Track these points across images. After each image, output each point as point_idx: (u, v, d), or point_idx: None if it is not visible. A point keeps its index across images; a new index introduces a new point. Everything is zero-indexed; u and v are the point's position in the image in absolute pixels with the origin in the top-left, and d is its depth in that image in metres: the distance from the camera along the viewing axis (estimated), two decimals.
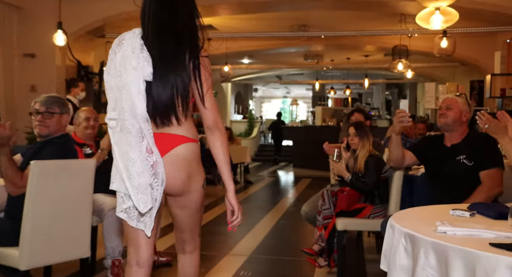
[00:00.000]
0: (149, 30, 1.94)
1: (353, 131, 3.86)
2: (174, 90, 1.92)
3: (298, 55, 13.13)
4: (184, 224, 2.14)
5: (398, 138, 3.20)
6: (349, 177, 3.68)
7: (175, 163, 1.94)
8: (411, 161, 3.34)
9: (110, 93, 1.92)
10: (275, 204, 7.50)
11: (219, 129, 2.00)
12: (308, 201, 4.32)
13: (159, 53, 1.91)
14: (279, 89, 26.55)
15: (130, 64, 1.86)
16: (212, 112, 2.00)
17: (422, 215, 2.20)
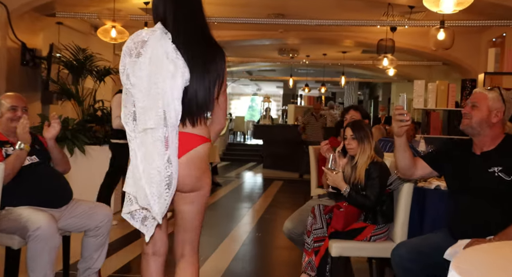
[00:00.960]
0: (178, 32, 1.94)
1: (350, 133, 3.11)
2: (207, 92, 1.98)
3: (273, 48, 12.36)
4: (189, 222, 2.11)
5: (401, 141, 2.47)
6: (347, 189, 2.93)
7: (193, 162, 1.98)
8: (425, 172, 2.61)
9: (136, 97, 1.86)
10: (246, 211, 6.71)
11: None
12: (292, 216, 3.55)
13: (193, 56, 1.93)
14: (249, 86, 25.79)
15: (167, 70, 1.85)
16: (225, 112, 2.16)
17: (496, 261, 1.46)
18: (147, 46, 1.85)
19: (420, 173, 2.59)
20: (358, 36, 10.26)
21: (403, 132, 2.43)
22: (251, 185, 10.19)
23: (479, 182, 2.41)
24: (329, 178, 2.97)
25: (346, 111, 3.86)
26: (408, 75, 14.25)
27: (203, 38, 2.02)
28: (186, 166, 1.95)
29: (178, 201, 2.07)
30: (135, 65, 1.84)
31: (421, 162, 2.58)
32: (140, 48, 1.86)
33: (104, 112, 6.03)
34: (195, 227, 2.13)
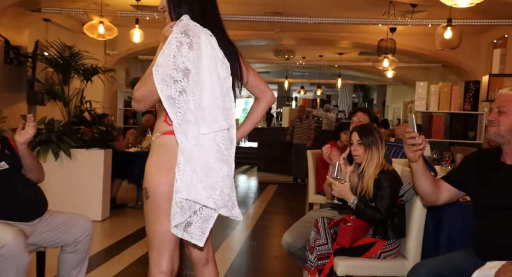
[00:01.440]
0: (213, 30, 1.91)
1: (357, 138, 2.82)
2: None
3: (268, 49, 12.09)
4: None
5: (418, 167, 2.18)
6: (355, 201, 2.64)
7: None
8: (451, 195, 2.31)
9: (198, 95, 1.81)
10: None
11: None
12: (291, 228, 3.26)
13: (228, 55, 1.95)
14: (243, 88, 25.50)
15: (225, 69, 1.87)
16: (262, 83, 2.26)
17: None
18: (202, 43, 1.81)
19: (446, 197, 2.29)
20: (356, 37, 10.01)
21: (417, 157, 2.13)
22: (246, 189, 9.89)
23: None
24: (334, 189, 2.68)
25: (353, 113, 3.57)
26: (403, 78, 14.00)
27: (228, 38, 2.06)
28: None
29: None
30: (199, 61, 1.78)
31: (444, 184, 2.28)
32: (204, 44, 1.81)
33: (92, 114, 5.72)
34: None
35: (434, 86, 6.28)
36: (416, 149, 2.08)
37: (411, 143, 2.08)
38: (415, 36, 9.35)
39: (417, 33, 9.32)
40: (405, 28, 8.88)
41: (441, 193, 2.26)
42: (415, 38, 9.38)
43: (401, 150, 4.02)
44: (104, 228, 5.52)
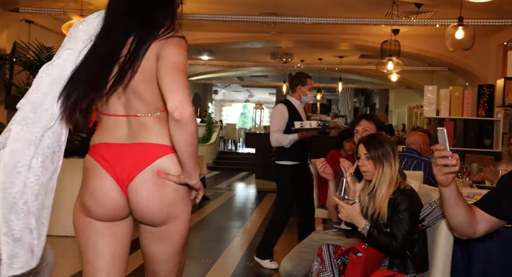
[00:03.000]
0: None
1: (364, 151, 2.37)
2: None
3: (265, 52, 11.66)
4: (159, 268, 1.66)
5: (451, 193, 1.72)
6: (367, 226, 2.18)
7: (156, 181, 1.58)
8: (489, 225, 1.83)
9: None
10: (237, 232, 5.94)
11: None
12: (291, 253, 2.80)
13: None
14: (240, 92, 25.11)
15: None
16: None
17: None
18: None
19: (484, 228, 1.81)
20: (357, 39, 9.58)
21: (450, 180, 1.67)
22: (243, 199, 9.43)
23: None
24: (342, 211, 2.22)
25: (357, 122, 3.13)
26: (407, 82, 13.58)
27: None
28: (146, 187, 1.58)
29: (144, 238, 1.66)
30: None
31: (479, 212, 1.82)
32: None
33: None
34: (170, 271, 1.70)
35: (444, 90, 5.85)
36: (449, 171, 1.63)
37: (443, 164, 1.63)
38: (419, 38, 8.93)
39: (421, 35, 8.90)
40: (408, 30, 8.46)
41: (477, 225, 1.80)
42: (419, 40, 8.96)
43: (413, 161, 3.56)
44: None
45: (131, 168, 1.62)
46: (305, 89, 4.39)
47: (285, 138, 4.25)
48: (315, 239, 2.82)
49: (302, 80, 4.42)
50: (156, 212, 1.60)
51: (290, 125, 4.27)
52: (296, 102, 4.44)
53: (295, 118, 4.30)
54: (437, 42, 8.82)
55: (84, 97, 1.61)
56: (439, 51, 8.92)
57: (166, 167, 1.62)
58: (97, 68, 1.62)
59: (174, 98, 1.50)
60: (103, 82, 1.62)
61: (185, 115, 1.48)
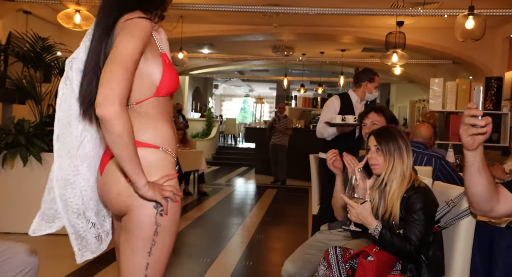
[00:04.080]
0: None
1: (374, 142, 2.19)
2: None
3: (266, 46, 11.45)
4: (122, 262, 1.54)
5: (475, 158, 1.57)
6: (378, 227, 2.00)
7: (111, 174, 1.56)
8: (509, 208, 1.69)
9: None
10: (236, 230, 5.77)
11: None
12: (294, 255, 2.62)
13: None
14: (241, 87, 24.90)
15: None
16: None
17: None
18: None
19: (504, 209, 1.66)
20: (360, 32, 9.39)
21: (477, 144, 1.53)
22: (242, 195, 9.25)
23: None
24: (351, 211, 2.04)
25: (365, 115, 2.94)
26: (409, 75, 13.36)
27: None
28: (104, 178, 1.60)
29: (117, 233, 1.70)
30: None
31: (504, 192, 1.66)
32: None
33: None
34: (130, 273, 1.52)
35: (451, 83, 5.65)
36: (475, 132, 1.49)
37: (471, 123, 1.49)
38: (423, 30, 8.73)
39: (426, 28, 8.70)
40: (413, 22, 8.27)
41: (498, 203, 1.64)
42: (424, 33, 8.77)
43: (423, 158, 3.38)
44: None
45: (101, 162, 1.65)
46: (372, 86, 4.19)
47: (325, 130, 4.12)
48: (319, 239, 2.64)
49: (370, 76, 4.20)
50: (110, 202, 1.60)
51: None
52: (354, 98, 4.22)
53: (348, 113, 4.09)
54: (442, 34, 8.63)
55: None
56: (444, 44, 8.73)
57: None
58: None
59: (100, 92, 1.38)
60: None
61: (107, 113, 1.36)
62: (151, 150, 1.53)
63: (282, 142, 10.01)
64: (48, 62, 4.95)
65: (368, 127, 2.87)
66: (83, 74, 1.58)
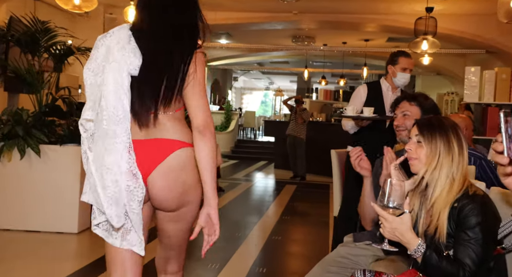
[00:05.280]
0: (143, 20, 1.81)
1: (416, 132, 1.74)
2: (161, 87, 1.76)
3: (286, 35, 10.95)
4: (173, 240, 1.95)
5: None
6: (421, 248, 1.54)
7: (170, 174, 1.77)
8: None
9: (90, 90, 1.77)
10: (251, 230, 5.34)
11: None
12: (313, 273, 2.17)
13: (150, 46, 1.76)
14: (261, 80, 24.44)
15: (112, 55, 1.71)
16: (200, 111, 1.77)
17: None
18: (106, 37, 1.78)
19: None
20: (385, 19, 8.80)
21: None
22: (260, 191, 8.82)
23: None
24: (385, 226, 1.58)
25: (396, 104, 2.47)
26: (436, 67, 12.70)
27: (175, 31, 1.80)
28: (164, 178, 1.76)
29: (160, 219, 1.89)
30: (92, 58, 1.81)
31: None
32: (98, 41, 1.79)
33: (66, 102, 4.70)
34: (180, 245, 1.98)
35: (489, 72, 5.11)
36: (503, 172, 1.13)
37: (495, 161, 1.14)
38: (455, 17, 8.12)
39: (458, 14, 8.10)
40: (444, 8, 7.68)
41: None
42: (455, 20, 8.15)
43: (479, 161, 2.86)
44: (81, 243, 4.52)
45: (149, 162, 1.74)
46: (397, 68, 3.61)
47: (346, 122, 3.67)
48: (343, 254, 2.18)
49: (393, 58, 3.64)
50: (171, 202, 1.79)
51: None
52: (385, 85, 3.70)
53: (376, 103, 3.60)
54: (476, 21, 8.03)
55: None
56: (477, 31, 8.12)
57: (179, 160, 1.76)
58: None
59: (202, 117, 1.74)
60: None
61: (209, 133, 1.74)
62: (192, 149, 1.77)
63: (299, 135, 9.51)
64: (46, 47, 4.56)
65: (399, 119, 2.41)
66: (142, 82, 1.73)
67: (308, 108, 13.19)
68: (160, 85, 1.72)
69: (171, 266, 2.00)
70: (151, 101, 1.73)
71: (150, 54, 1.73)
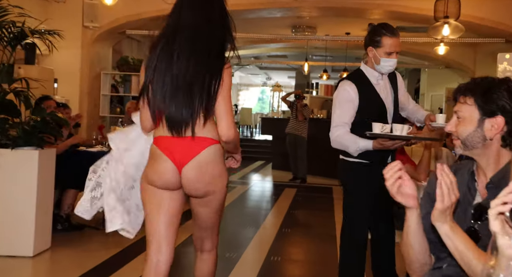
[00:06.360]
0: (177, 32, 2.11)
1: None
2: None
3: (285, 24, 10.11)
4: (206, 222, 2.25)
5: None
6: None
7: (200, 166, 2.08)
8: None
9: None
10: (245, 247, 4.51)
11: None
12: None
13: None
14: (258, 75, 23.61)
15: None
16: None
17: None
18: None
19: None
20: (393, 5, 7.94)
21: None
22: (257, 196, 7.98)
23: None
24: None
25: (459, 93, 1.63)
26: (444, 59, 11.83)
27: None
28: (195, 171, 2.08)
29: (193, 204, 2.21)
30: None
31: None
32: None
33: (21, 98, 3.85)
34: (212, 226, 2.27)
35: None
36: None
37: None
38: (472, 3, 7.25)
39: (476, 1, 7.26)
40: None
41: None
42: (472, 5, 7.28)
43: None
44: (37, 269, 3.69)
45: (184, 156, 2.07)
46: (379, 52, 2.68)
47: (351, 142, 2.69)
48: None
49: (374, 38, 2.71)
50: (199, 190, 2.12)
51: (364, 113, 2.74)
52: (372, 75, 2.78)
53: (371, 102, 2.74)
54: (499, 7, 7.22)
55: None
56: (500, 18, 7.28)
57: (208, 155, 2.09)
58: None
59: (227, 121, 2.10)
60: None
61: (235, 134, 2.13)
62: (219, 145, 2.14)
63: (301, 134, 8.66)
64: None
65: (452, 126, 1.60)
66: (177, 87, 2.05)
67: (308, 105, 12.38)
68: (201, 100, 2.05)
69: (206, 245, 2.31)
70: (191, 111, 2.06)
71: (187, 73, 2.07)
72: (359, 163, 2.75)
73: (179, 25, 2.06)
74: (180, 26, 2.06)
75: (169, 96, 2.02)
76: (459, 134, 1.57)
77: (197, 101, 2.01)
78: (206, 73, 2.02)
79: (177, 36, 2.04)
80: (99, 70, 8.46)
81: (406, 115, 3.04)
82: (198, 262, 2.31)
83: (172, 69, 2.01)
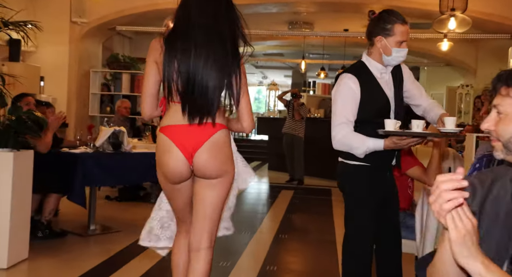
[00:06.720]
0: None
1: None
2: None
3: (281, 20, 9.82)
4: (210, 209, 2.25)
5: None
6: None
7: (216, 147, 2.20)
8: None
9: None
10: (239, 255, 4.20)
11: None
12: None
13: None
14: (254, 74, 23.30)
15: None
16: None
17: None
18: None
19: None
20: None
21: None
22: (253, 198, 7.67)
23: None
24: None
25: (500, 83, 1.32)
26: (445, 57, 11.55)
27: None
28: (209, 151, 2.18)
29: (200, 186, 2.25)
30: None
31: None
32: None
33: None
34: (215, 216, 2.28)
35: None
36: None
37: None
38: None
39: None
40: None
41: None
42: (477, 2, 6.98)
43: None
44: None
45: (198, 142, 2.17)
46: (390, 42, 2.37)
47: (359, 142, 2.37)
48: None
49: (384, 26, 2.39)
50: (215, 167, 2.20)
51: (365, 109, 2.44)
52: (376, 66, 2.46)
53: (374, 98, 2.43)
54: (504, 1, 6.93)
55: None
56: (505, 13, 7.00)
57: (222, 137, 2.22)
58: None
59: (249, 117, 2.35)
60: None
61: (253, 128, 2.43)
62: (227, 130, 2.29)
63: (298, 134, 8.36)
64: None
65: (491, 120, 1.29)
66: (204, 87, 2.17)
67: (305, 104, 12.09)
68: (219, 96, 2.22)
69: (204, 241, 2.26)
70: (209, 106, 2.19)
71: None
72: (361, 166, 2.44)
73: (190, 22, 2.14)
74: (191, 23, 2.13)
75: (190, 92, 2.14)
76: (499, 135, 1.26)
77: (216, 97, 2.17)
78: (226, 72, 2.15)
79: (191, 32, 2.13)
80: (88, 67, 8.14)
81: (422, 113, 2.69)
82: (194, 263, 2.24)
83: (190, 66, 2.11)
